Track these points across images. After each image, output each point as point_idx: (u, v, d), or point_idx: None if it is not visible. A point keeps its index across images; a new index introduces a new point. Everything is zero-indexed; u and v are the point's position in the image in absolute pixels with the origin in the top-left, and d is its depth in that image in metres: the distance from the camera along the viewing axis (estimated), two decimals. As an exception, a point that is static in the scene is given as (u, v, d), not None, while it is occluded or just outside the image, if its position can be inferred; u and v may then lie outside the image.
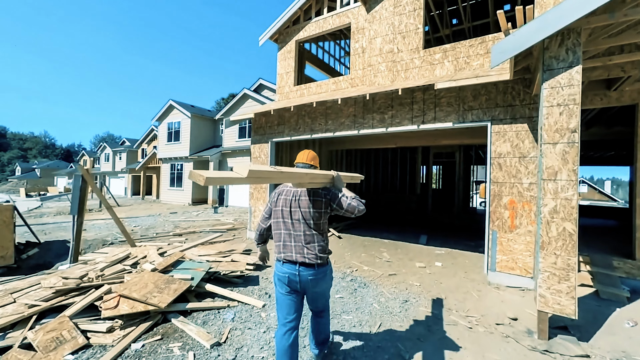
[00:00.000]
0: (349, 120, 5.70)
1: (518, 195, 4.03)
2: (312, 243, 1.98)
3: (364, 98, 5.49)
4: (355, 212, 1.94)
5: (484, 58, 4.75)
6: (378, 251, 6.01)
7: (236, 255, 4.89)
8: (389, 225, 9.44)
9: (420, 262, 5.24)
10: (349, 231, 8.19)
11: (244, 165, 1.40)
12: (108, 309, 2.53)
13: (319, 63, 9.48)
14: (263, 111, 6.51)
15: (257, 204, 7.08)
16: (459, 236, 7.86)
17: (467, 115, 4.48)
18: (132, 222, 10.64)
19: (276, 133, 6.79)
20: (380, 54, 5.89)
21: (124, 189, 28.89)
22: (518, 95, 4.09)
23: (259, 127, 7.11)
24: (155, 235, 8.03)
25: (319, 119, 6.11)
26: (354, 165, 11.88)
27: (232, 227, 9.06)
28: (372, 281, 4.24)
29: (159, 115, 17.97)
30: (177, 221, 11.01)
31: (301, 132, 6.35)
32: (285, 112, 6.60)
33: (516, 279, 4.00)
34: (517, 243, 4.02)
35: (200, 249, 5.29)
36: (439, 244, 6.83)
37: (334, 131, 5.87)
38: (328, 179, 2.06)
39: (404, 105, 5.08)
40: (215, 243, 6.60)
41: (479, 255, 5.78)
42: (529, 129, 3.99)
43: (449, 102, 4.65)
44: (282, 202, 2.06)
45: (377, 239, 7.28)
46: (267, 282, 4.13)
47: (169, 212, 14.03)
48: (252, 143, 7.22)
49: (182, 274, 3.42)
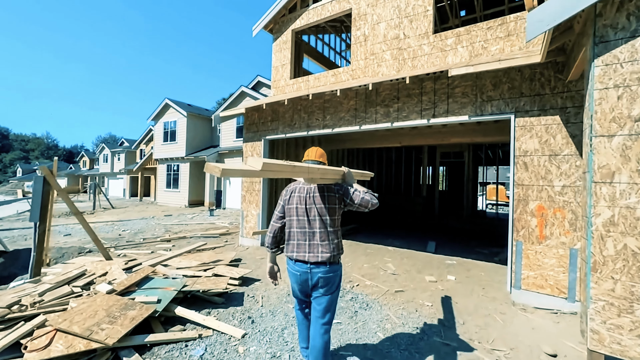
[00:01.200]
0: (350, 114, 5.10)
1: (548, 200, 3.41)
2: (327, 241, 1.96)
3: (366, 89, 4.89)
4: (368, 206, 1.92)
5: (504, 42, 4.14)
6: (382, 261, 5.40)
7: (221, 267, 4.31)
8: (394, 230, 8.82)
9: (430, 274, 4.62)
10: (350, 237, 7.58)
11: (258, 159, 1.39)
12: (34, 350, 1.95)
13: (318, 56, 8.90)
14: (255, 106, 5.93)
15: (249, 207, 6.50)
16: (469, 243, 7.23)
17: (486, 107, 3.87)
18: (122, 226, 10.11)
19: (270, 130, 6.21)
20: (384, 40, 5.30)
21: (122, 190, 28.47)
22: (548, 83, 3.47)
23: (252, 124, 6.54)
24: (142, 240, 7.48)
25: (316, 113, 5.52)
26: (355, 166, 11.27)
27: (226, 232, 8.49)
28: (376, 300, 3.64)
29: (155, 115, 17.47)
30: (170, 225, 10.47)
31: (296, 129, 5.77)
32: (279, 106, 6.02)
33: (547, 300, 3.38)
34: (548, 257, 3.40)
35: (183, 259, 4.72)
36: (449, 252, 6.21)
37: (332, 127, 5.28)
38: (339, 175, 2.04)
39: (412, 96, 4.48)
40: (203, 251, 6.02)
41: (495, 266, 5.15)
42: (561, 121, 3.37)
43: (464, 92, 4.04)
44: (297, 200, 2.03)
45: (381, 246, 6.67)
46: (252, 301, 3.54)
47: (164, 215, 13.51)
48: (244, 141, 6.65)
49: (147, 296, 2.84)
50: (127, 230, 9.32)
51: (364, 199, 1.92)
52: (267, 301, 3.55)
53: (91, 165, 37.67)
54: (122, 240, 7.66)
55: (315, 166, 1.85)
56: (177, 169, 16.86)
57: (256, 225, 6.34)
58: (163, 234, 8.61)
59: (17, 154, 77.36)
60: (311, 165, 1.79)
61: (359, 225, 9.02)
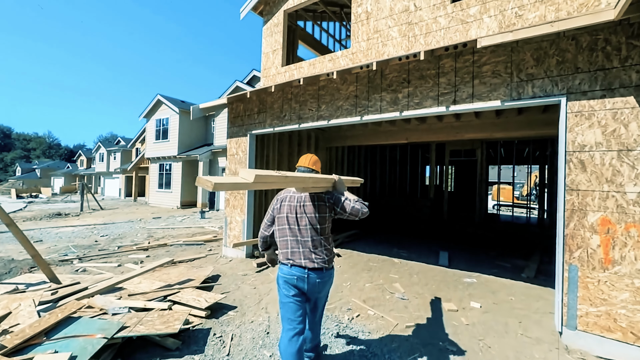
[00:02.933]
0: (349, 103, 4.22)
1: (617, 212, 2.52)
2: (320, 248, 1.99)
3: (369, 72, 4.01)
4: (359, 215, 1.93)
5: (547, 6, 3.23)
6: (388, 279, 4.52)
7: (188, 291, 3.45)
8: (399, 236, 7.93)
9: (447, 300, 3.73)
10: (350, 246, 6.70)
11: (251, 170, 1.39)
12: None
13: (315, 44, 8.02)
14: (239, 95, 5.07)
15: (233, 213, 5.64)
16: (487, 253, 6.32)
17: (525, 89, 2.97)
18: (104, 230, 9.29)
19: (256, 123, 5.34)
20: (390, 15, 4.41)
21: (118, 190, 27.77)
22: (617, 52, 2.57)
23: (236, 117, 5.67)
24: (117, 249, 6.65)
25: (309, 103, 4.64)
26: (357, 166, 10.38)
27: (213, 238, 7.64)
28: (382, 341, 2.76)
29: (147, 112, 16.68)
30: (155, 229, 9.65)
31: (287, 122, 4.90)
32: (267, 96, 5.15)
33: (616, 348, 2.48)
34: (617, 288, 2.51)
35: (146, 279, 3.87)
36: (465, 265, 5.31)
37: (328, 118, 4.40)
38: (330, 183, 2.04)
39: (427, 78, 3.59)
40: (179, 264, 5.18)
41: (525, 286, 4.25)
42: (637, 104, 2.47)
43: (495, 70, 3.14)
44: (287, 209, 2.04)
45: (385, 257, 5.79)
46: (218, 344, 2.67)
47: (152, 217, 12.70)
48: (228, 137, 5.78)
49: (57, 353, 1.98)
50: (107, 235, 8.50)
51: (354, 208, 1.93)
52: (237, 344, 2.68)
53: (88, 164, 37.04)
54: (96, 247, 6.84)
55: (308, 175, 1.90)
56: (169, 169, 16.05)
57: (241, 233, 5.48)
58: (144, 240, 7.79)
59: (18, 153, 77.20)
60: (304, 175, 1.83)
61: (360, 230, 8.14)
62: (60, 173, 38.21)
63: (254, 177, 1.34)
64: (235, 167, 5.60)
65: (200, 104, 5.47)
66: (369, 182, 10.80)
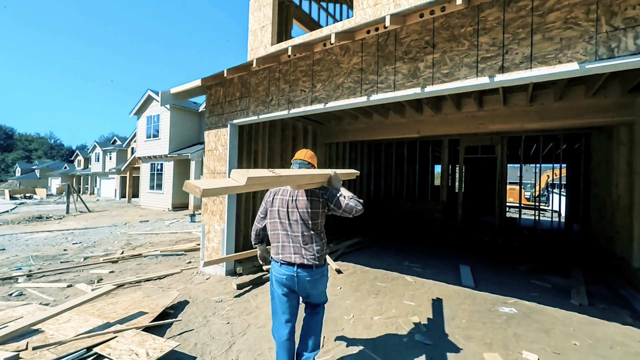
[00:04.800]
0: (352, 79, 3.22)
1: None
2: (311, 244, 1.94)
3: (378, 37, 3.02)
4: (352, 212, 1.87)
5: None
6: (401, 307, 3.51)
7: (126, 337, 2.47)
8: (409, 245, 6.91)
9: (488, 346, 2.71)
10: (353, 258, 5.69)
11: (242, 172, 1.30)
12: None
13: (312, 25, 7.03)
14: (216, 75, 4.08)
15: (212, 220, 4.66)
16: (514, 266, 5.30)
17: (622, 41, 1.96)
18: (80, 237, 8.37)
19: (238, 111, 4.36)
20: (405, -34, 3.40)
21: (114, 191, 26.96)
22: None
23: (215, 105, 4.69)
24: (82, 260, 5.70)
25: (301, 82, 3.65)
26: (359, 165, 9.38)
27: (197, 246, 6.67)
28: None
29: (137, 109, 15.79)
30: (137, 235, 8.72)
31: (273, 107, 3.90)
32: (251, 76, 4.17)
33: None
34: None
35: (80, 312, 2.90)
36: (495, 285, 4.29)
37: (325, 100, 3.40)
38: (325, 179, 2.00)
39: (460, 39, 2.58)
40: (144, 283, 4.22)
41: (585, 319, 3.22)
42: None
43: (569, 17, 2.13)
44: (279, 203, 2.00)
45: (395, 273, 4.78)
46: None
47: (139, 221, 11.79)
48: (206, 128, 4.81)
49: None
50: (80, 242, 7.57)
51: (349, 205, 1.87)
52: None
53: (86, 164, 36.30)
54: (61, 258, 5.91)
55: (303, 172, 1.85)
56: (160, 169, 15.13)
57: (220, 245, 4.50)
58: (119, 248, 6.85)
59: (19, 153, 77.08)
60: (299, 173, 1.76)
61: (363, 238, 7.13)
62: (57, 173, 37.58)
63: (246, 180, 1.25)
64: (215, 165, 4.62)
65: (171, 89, 4.50)
66: (372, 183, 9.78)
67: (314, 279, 1.92)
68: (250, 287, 4.07)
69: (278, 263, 1.96)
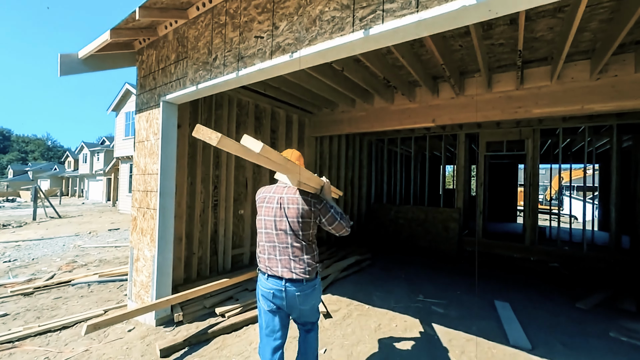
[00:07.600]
0: (336, 3, 1.79)
1: None
2: (301, 256, 1.74)
3: None
4: (339, 233, 1.78)
5: None
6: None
7: None
8: (420, 265, 5.44)
9: None
10: (348, 288, 4.20)
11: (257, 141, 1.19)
12: None
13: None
14: (142, 21, 2.65)
15: (141, 242, 3.20)
16: (570, 302, 3.82)
17: None
18: (24, 251, 6.98)
19: (173, 82, 2.91)
20: None
21: (101, 194, 25.56)
22: None
23: (147, 76, 3.25)
24: (-12, 290, 4.28)
25: (256, 22, 2.21)
26: (357, 165, 7.92)
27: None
28: None
29: (115, 104, 14.41)
30: (91, 248, 7.31)
31: (217, 69, 2.46)
32: (189, 26, 2.74)
33: None
34: None
35: None
36: (560, 343, 2.80)
37: (293, 47, 1.95)
38: (319, 185, 1.84)
39: None
40: (34, 338, 2.79)
41: None
42: None
43: None
44: (265, 211, 1.80)
45: (410, 318, 3.31)
46: None
47: (109, 229, 10.38)
48: (136, 111, 3.39)
49: None
50: (15, 260, 6.15)
51: (339, 225, 1.74)
52: None
53: (76, 166, 34.94)
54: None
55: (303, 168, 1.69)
56: (140, 170, 13.73)
57: (150, 279, 3.05)
58: (58, 267, 5.45)
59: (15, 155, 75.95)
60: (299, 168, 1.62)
61: (362, 256, 5.67)
62: (47, 175, 36.27)
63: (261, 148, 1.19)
64: (145, 163, 3.18)
65: (80, 51, 3.08)
66: (373, 186, 8.32)
67: (305, 294, 1.72)
68: (185, 352, 2.61)
69: (265, 275, 1.77)
